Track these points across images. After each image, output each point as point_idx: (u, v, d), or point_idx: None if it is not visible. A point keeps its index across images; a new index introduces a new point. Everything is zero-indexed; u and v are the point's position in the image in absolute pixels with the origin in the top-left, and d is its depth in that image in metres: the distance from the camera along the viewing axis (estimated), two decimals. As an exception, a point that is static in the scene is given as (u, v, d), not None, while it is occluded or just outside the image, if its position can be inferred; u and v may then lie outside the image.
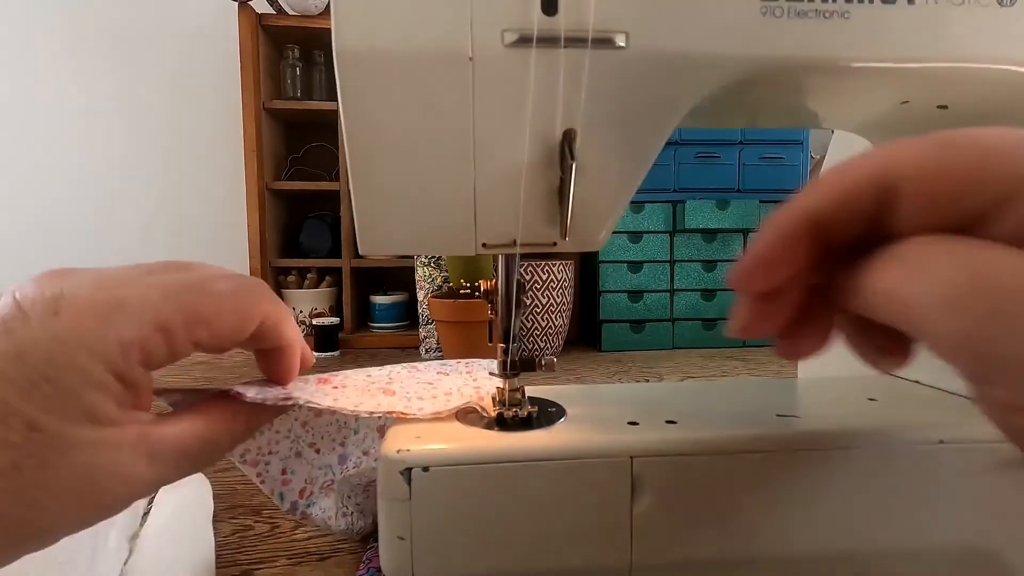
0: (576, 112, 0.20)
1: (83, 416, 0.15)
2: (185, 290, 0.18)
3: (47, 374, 0.15)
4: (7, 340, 0.15)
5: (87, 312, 0.16)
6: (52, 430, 0.15)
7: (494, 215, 0.21)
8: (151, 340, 0.17)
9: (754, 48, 0.20)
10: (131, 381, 0.16)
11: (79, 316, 0.16)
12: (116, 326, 0.16)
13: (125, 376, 0.16)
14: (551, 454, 0.21)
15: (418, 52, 0.19)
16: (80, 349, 0.15)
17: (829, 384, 0.31)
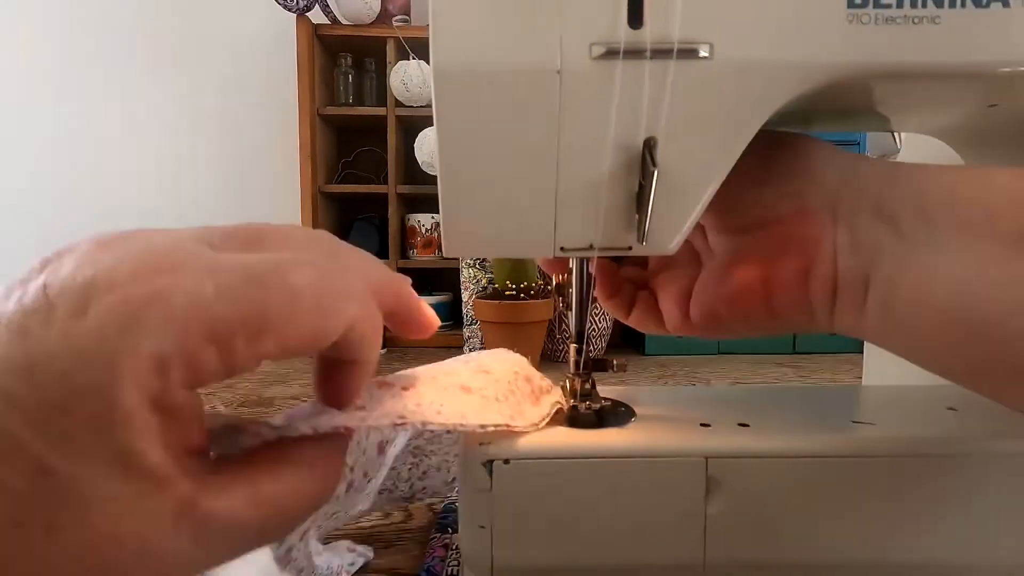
0: (658, 121, 0.20)
1: (108, 461, 0.11)
2: (250, 283, 0.13)
3: (62, 399, 0.11)
4: (21, 345, 0.11)
5: (117, 312, 0.12)
6: (65, 476, 0.11)
7: (573, 220, 0.22)
8: (200, 353, 0.12)
9: (840, 55, 0.20)
10: (171, 408, 0.12)
11: (107, 318, 0.12)
12: (151, 333, 0.12)
13: (162, 402, 0.12)
14: (627, 452, 0.22)
15: (509, 68, 0.20)
16: (104, 367, 0.11)
17: (900, 392, 0.30)
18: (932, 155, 0.35)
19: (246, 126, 1.40)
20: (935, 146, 0.32)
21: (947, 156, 0.32)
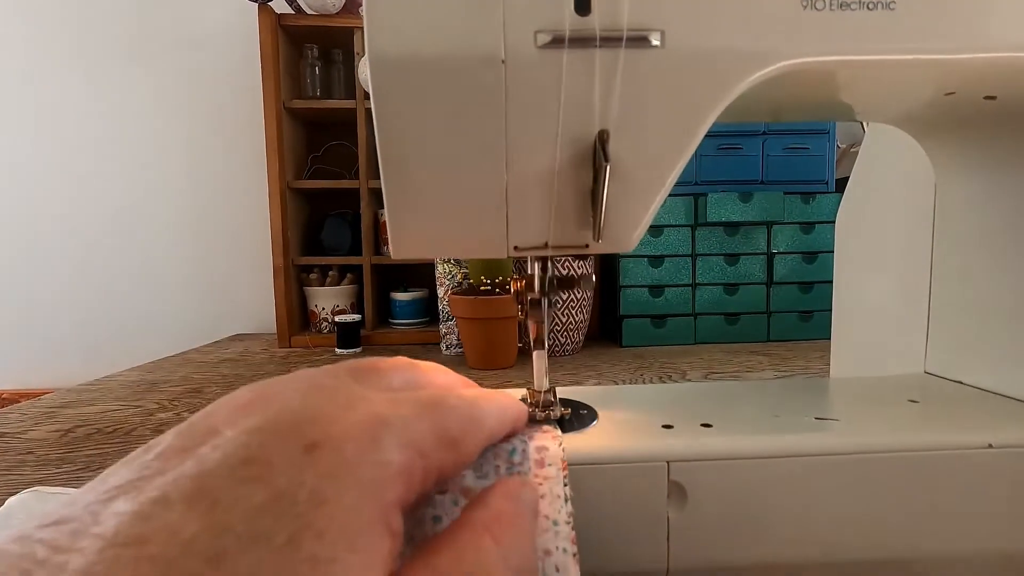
0: (610, 112, 0.20)
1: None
2: (427, 407, 0.15)
3: (313, 520, 0.11)
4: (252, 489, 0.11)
5: (351, 440, 0.12)
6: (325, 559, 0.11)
7: (526, 218, 0.21)
8: (414, 466, 0.13)
9: (795, 43, 0.19)
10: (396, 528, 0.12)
11: (342, 447, 0.12)
12: (386, 450, 0.12)
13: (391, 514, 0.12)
14: (587, 459, 0.21)
15: (450, 56, 0.19)
16: (355, 485, 0.12)
17: (865, 384, 0.30)
18: (896, 144, 0.35)
19: (210, 121, 1.35)
20: (899, 134, 0.32)
21: (910, 145, 0.32)
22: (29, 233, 1.34)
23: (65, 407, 0.72)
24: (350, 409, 0.13)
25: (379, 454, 0.12)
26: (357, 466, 0.12)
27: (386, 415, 0.13)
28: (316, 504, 0.11)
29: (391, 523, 0.12)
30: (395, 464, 0.13)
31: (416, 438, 0.14)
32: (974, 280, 0.29)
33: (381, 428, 0.13)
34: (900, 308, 0.35)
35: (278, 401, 0.13)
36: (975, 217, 0.29)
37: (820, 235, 1.05)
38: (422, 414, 0.14)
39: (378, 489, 0.12)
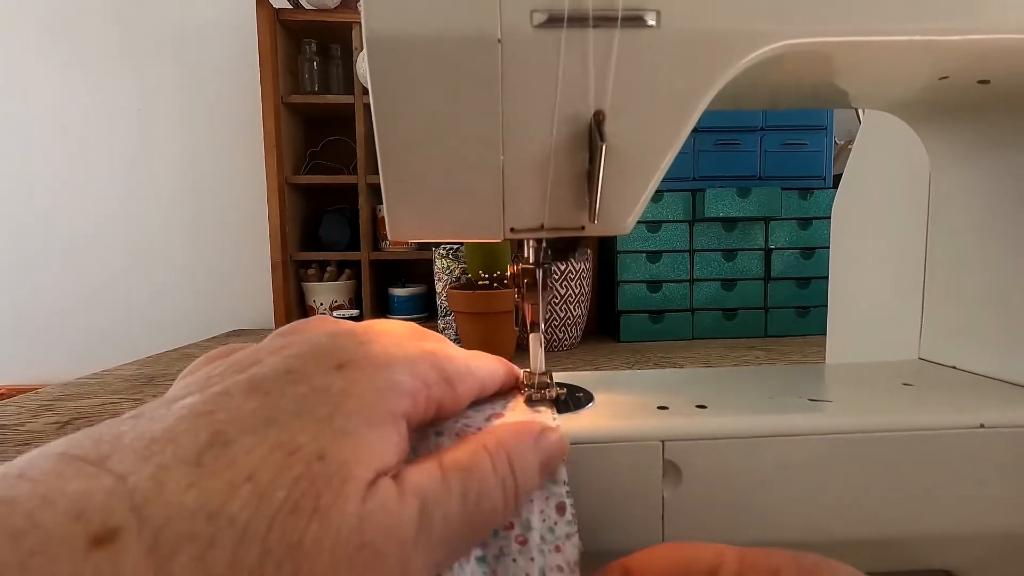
0: (605, 93, 0.20)
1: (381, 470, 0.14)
2: (430, 353, 0.18)
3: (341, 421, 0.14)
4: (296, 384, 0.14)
5: (368, 364, 0.16)
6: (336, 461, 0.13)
7: (522, 199, 0.21)
8: (419, 392, 0.16)
9: (790, 24, 0.19)
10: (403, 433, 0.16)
11: (363, 368, 0.15)
12: (395, 374, 0.16)
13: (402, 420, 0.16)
14: (581, 438, 0.21)
15: (446, 35, 0.19)
16: (373, 390, 0.15)
17: (859, 370, 0.30)
18: (891, 134, 0.35)
19: (208, 116, 1.35)
20: (894, 124, 0.32)
21: (905, 134, 0.32)
22: (26, 229, 1.34)
23: (62, 400, 0.72)
24: (369, 345, 0.16)
25: (392, 374, 0.16)
26: (375, 378, 0.15)
27: (396, 353, 0.17)
28: (345, 397, 0.14)
29: (399, 426, 0.15)
30: (405, 383, 0.16)
31: (420, 372, 0.17)
32: (968, 267, 0.29)
33: (392, 360, 0.16)
34: (894, 297, 0.35)
35: (310, 337, 0.16)
36: (969, 204, 0.29)
37: (817, 231, 1.05)
38: (425, 357, 0.17)
39: (392, 396, 0.15)
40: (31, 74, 1.31)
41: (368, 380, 0.15)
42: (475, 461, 0.16)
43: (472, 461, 0.16)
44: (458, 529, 0.15)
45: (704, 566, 0.16)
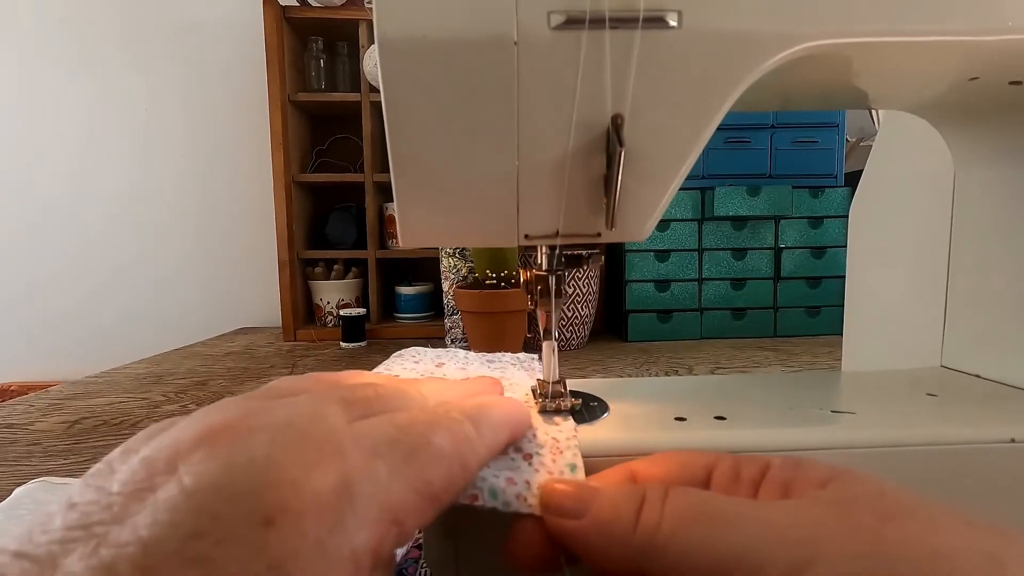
0: (624, 96, 0.19)
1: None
2: (409, 457, 0.14)
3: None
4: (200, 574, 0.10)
5: (310, 517, 0.11)
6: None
7: (537, 205, 0.21)
8: (385, 540, 0.13)
9: (816, 25, 0.18)
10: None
11: (302, 524, 0.11)
12: (349, 534, 0.12)
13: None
14: (600, 451, 0.20)
15: (461, 38, 0.18)
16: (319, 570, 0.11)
17: (880, 378, 0.29)
18: (913, 135, 0.34)
19: (215, 114, 1.35)
20: (916, 125, 0.31)
21: (928, 135, 0.31)
22: (36, 228, 1.34)
23: (72, 399, 0.72)
24: (318, 467, 0.12)
25: (342, 536, 0.12)
26: (319, 549, 0.11)
27: (357, 479, 0.13)
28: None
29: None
30: (362, 543, 0.12)
31: (392, 502, 0.13)
32: (994, 272, 0.28)
33: (347, 504, 0.12)
34: (915, 302, 0.34)
35: (243, 445, 0.12)
36: (996, 208, 0.28)
37: (829, 230, 1.04)
38: (402, 469, 0.14)
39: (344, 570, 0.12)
40: (38, 72, 1.32)
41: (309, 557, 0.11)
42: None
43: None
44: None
45: (702, 463, 0.17)
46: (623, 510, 0.15)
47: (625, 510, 0.15)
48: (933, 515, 0.13)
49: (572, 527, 0.16)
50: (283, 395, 0.16)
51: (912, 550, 0.12)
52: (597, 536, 0.15)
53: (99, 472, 0.13)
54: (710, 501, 0.15)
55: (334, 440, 0.13)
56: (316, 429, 0.13)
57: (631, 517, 0.15)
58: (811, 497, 0.15)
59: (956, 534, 0.13)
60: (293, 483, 0.12)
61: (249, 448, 0.12)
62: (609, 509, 0.15)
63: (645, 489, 0.16)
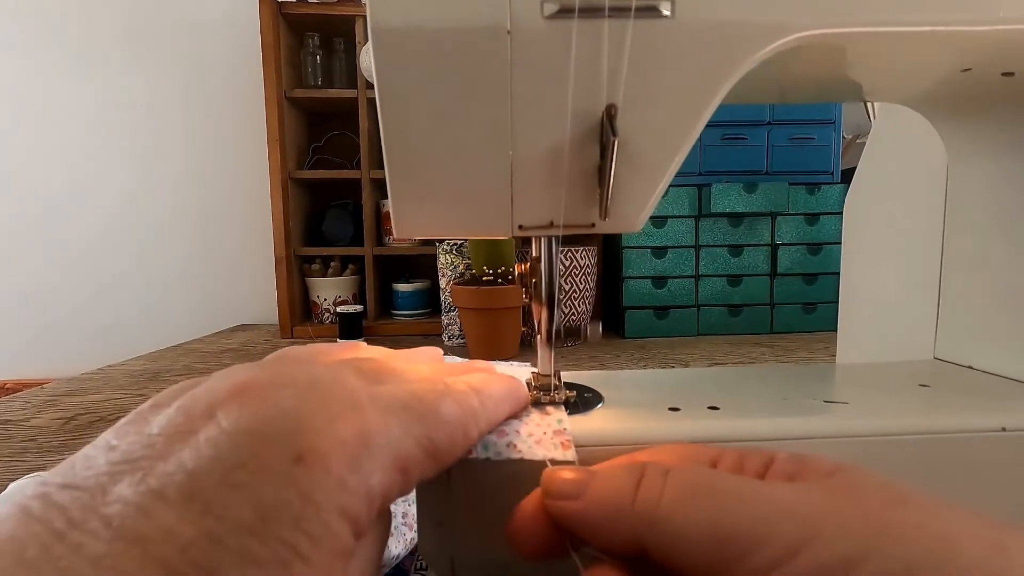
0: (618, 86, 0.19)
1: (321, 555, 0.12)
2: (419, 420, 0.16)
3: (300, 549, 0.12)
4: (241, 498, 0.12)
5: (337, 457, 0.13)
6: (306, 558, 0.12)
7: (531, 195, 0.21)
8: (393, 485, 0.14)
9: (809, 15, 0.18)
10: (362, 534, 0.14)
11: (327, 463, 0.13)
12: (366, 475, 0.13)
13: (361, 532, 0.14)
14: (591, 440, 0.21)
15: (454, 27, 0.18)
16: (332, 510, 0.12)
17: (873, 370, 0.29)
18: (907, 129, 0.34)
19: (211, 111, 1.34)
20: (910, 119, 0.32)
21: (922, 129, 0.31)
22: (31, 224, 1.34)
23: (68, 395, 0.72)
24: (340, 419, 0.14)
25: (361, 475, 0.13)
26: (341, 486, 0.13)
27: (373, 431, 0.14)
28: (300, 530, 0.12)
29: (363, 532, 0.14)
30: (377, 485, 0.14)
31: (402, 455, 0.15)
32: (987, 264, 0.29)
33: (365, 450, 0.14)
34: (909, 295, 0.34)
35: (274, 398, 0.14)
36: (989, 201, 0.28)
37: (825, 226, 1.04)
38: (411, 428, 0.15)
39: (359, 508, 0.13)
40: (36, 70, 1.31)
41: (334, 490, 0.13)
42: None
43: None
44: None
45: (707, 456, 0.17)
46: (622, 484, 0.15)
47: (624, 484, 0.15)
48: (938, 505, 0.13)
49: (573, 508, 0.16)
50: (299, 361, 0.18)
51: (918, 532, 0.12)
52: (597, 513, 0.15)
53: (132, 421, 0.14)
54: (714, 476, 0.15)
55: (353, 399, 0.15)
56: (337, 389, 0.15)
57: (630, 491, 0.15)
58: (817, 482, 0.15)
59: (961, 521, 0.13)
60: (319, 430, 0.13)
61: (279, 401, 0.14)
62: (608, 486, 0.16)
63: (645, 467, 0.16)
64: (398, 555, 0.28)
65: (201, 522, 0.11)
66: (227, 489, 0.12)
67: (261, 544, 0.11)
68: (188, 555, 0.11)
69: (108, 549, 0.11)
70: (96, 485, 0.12)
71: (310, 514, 0.12)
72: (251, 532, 0.11)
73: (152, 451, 0.13)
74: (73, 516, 0.11)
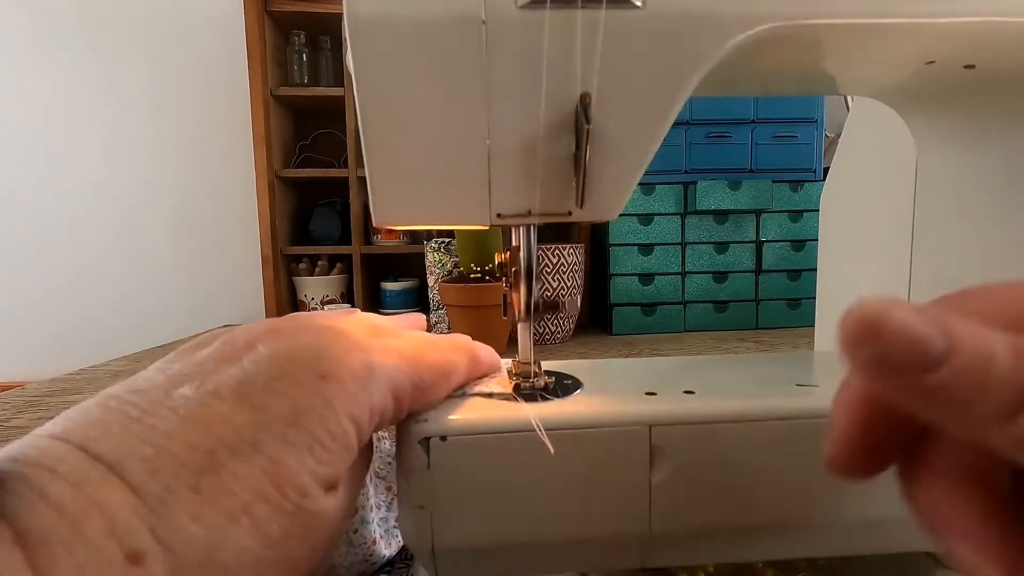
0: (591, 76, 0.19)
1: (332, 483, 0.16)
2: (409, 363, 0.19)
3: (321, 439, 0.16)
4: (280, 400, 0.15)
5: (350, 378, 0.17)
6: (316, 498, 0.15)
7: (509, 184, 0.21)
8: (387, 408, 0.18)
9: (776, 6, 0.19)
10: (363, 441, 0.17)
11: (344, 381, 0.17)
12: (370, 393, 0.17)
13: (362, 439, 0.17)
14: (568, 423, 0.21)
15: (429, 16, 0.18)
16: (345, 415, 0.16)
17: (848, 357, 0.30)
18: (879, 123, 0.35)
19: (196, 109, 1.33)
20: (882, 113, 0.32)
21: (893, 122, 0.32)
22: (9, 226, 1.32)
23: (49, 396, 0.71)
24: (351, 353, 0.17)
25: (367, 393, 0.17)
26: (352, 398, 0.17)
27: (376, 364, 0.18)
28: (322, 426, 0.16)
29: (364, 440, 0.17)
30: (377, 403, 0.18)
31: (396, 385, 0.18)
32: (953, 254, 0.29)
33: (370, 375, 0.17)
34: (881, 286, 0.35)
35: (301, 334, 0.18)
36: (955, 191, 0.29)
37: (808, 223, 1.06)
38: (403, 367, 0.19)
39: (364, 417, 0.17)
40: (7, 65, 1.29)
41: (347, 401, 0.17)
42: None
43: None
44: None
45: None
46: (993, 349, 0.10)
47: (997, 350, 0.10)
48: None
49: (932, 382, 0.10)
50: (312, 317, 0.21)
51: None
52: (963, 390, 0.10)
53: (180, 353, 0.18)
54: None
55: (359, 342, 0.18)
56: (345, 335, 0.18)
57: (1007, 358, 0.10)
58: None
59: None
60: (337, 358, 0.17)
61: (304, 338, 0.17)
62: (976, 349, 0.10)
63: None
64: (387, 556, 0.29)
65: (250, 413, 0.15)
66: (269, 393, 0.15)
67: (296, 432, 0.15)
68: (240, 434, 0.15)
69: (177, 427, 0.14)
70: (160, 388, 0.15)
71: (330, 416, 0.16)
72: (288, 423, 0.15)
73: (204, 368, 0.16)
74: (145, 407, 0.14)
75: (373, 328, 0.21)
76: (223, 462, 0.14)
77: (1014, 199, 0.26)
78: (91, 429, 0.14)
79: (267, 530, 0.14)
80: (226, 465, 0.14)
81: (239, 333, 0.18)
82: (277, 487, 0.14)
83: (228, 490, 0.14)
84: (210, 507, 0.13)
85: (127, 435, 0.14)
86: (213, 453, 0.14)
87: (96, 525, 0.12)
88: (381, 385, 0.18)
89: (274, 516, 0.14)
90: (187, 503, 0.13)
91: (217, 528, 0.13)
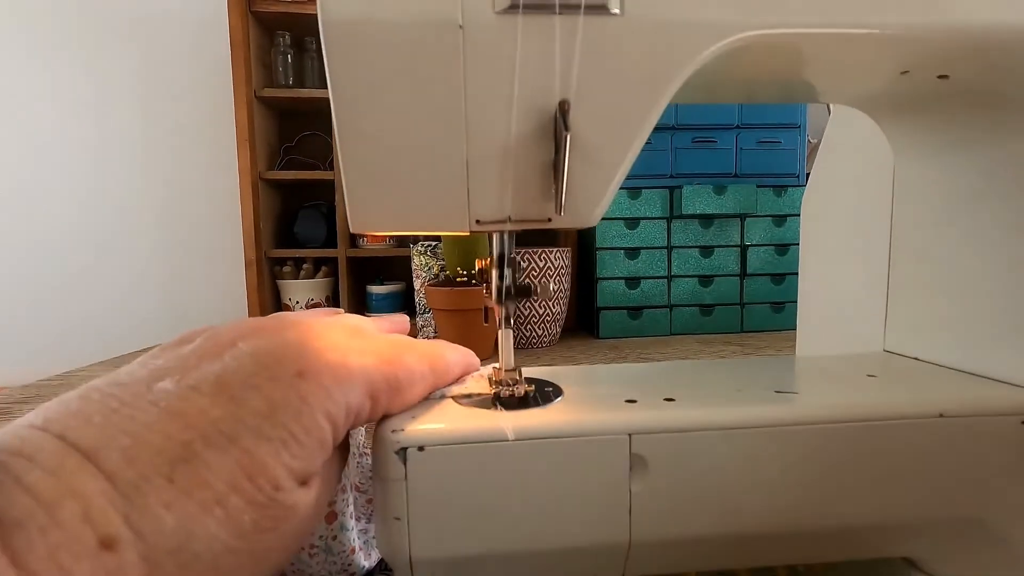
0: (570, 82, 0.19)
1: (305, 478, 0.16)
2: (387, 363, 0.20)
3: (296, 434, 0.16)
4: (259, 396, 0.16)
5: (327, 376, 0.17)
6: (289, 491, 0.16)
7: (488, 190, 0.21)
8: (363, 406, 0.18)
9: (753, 15, 0.19)
10: (338, 439, 0.18)
11: (321, 379, 0.17)
12: (346, 391, 0.17)
13: (337, 436, 0.18)
14: (548, 432, 0.21)
15: (406, 20, 0.18)
16: (320, 412, 0.17)
17: (826, 362, 0.30)
18: (858, 130, 0.36)
19: (179, 110, 1.31)
20: (861, 120, 0.33)
21: (871, 130, 0.32)
22: (-14, 225, 1.29)
23: (23, 402, 0.69)
24: (329, 352, 0.18)
25: (343, 392, 0.17)
26: (328, 396, 0.17)
27: (353, 364, 0.18)
28: (298, 417, 0.16)
29: (339, 437, 0.18)
30: (353, 401, 0.18)
31: (372, 385, 0.19)
32: (930, 260, 0.30)
33: (347, 374, 0.18)
34: (861, 290, 0.35)
35: (282, 333, 0.18)
36: (931, 198, 0.30)
37: (792, 228, 1.07)
38: (381, 368, 0.19)
39: (339, 414, 0.17)
40: (-10, 64, 1.26)
41: (323, 398, 0.17)
42: None
43: None
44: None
45: None
46: None
47: None
48: None
49: None
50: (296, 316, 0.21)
51: None
52: None
53: (163, 349, 0.18)
54: None
55: (338, 341, 0.19)
56: (326, 334, 0.19)
57: None
58: None
59: None
60: (316, 356, 0.17)
61: (286, 336, 0.18)
62: None
63: None
64: (366, 567, 0.28)
65: (227, 407, 0.15)
66: (247, 388, 0.16)
67: (271, 426, 0.15)
68: (217, 426, 0.15)
69: (156, 419, 0.14)
70: (142, 382, 0.16)
71: (305, 412, 0.16)
72: (264, 417, 0.15)
73: (186, 364, 0.16)
74: (125, 399, 0.15)
75: (354, 329, 0.21)
76: (198, 453, 0.14)
77: (988, 205, 0.27)
78: (71, 419, 0.14)
79: (239, 521, 0.14)
80: (201, 456, 0.14)
81: (223, 330, 0.18)
82: (251, 479, 0.15)
83: (202, 481, 0.14)
84: (184, 496, 0.14)
85: (106, 425, 0.14)
86: (189, 444, 0.14)
87: (71, 511, 0.12)
88: (358, 384, 0.18)
89: (247, 508, 0.15)
90: (161, 492, 0.13)
91: (190, 517, 0.14)
